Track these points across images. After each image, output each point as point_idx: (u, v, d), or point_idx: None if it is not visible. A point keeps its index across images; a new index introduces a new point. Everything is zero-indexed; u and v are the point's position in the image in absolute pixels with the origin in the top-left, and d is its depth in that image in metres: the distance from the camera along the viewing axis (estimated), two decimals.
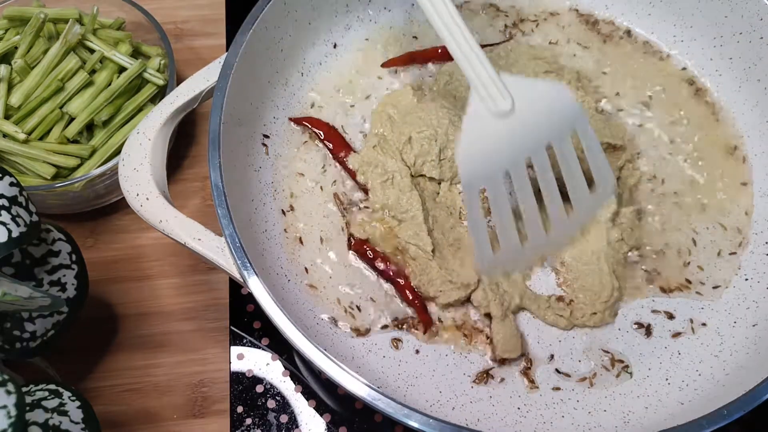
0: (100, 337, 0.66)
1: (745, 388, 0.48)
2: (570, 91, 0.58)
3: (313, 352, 0.48)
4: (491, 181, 0.56)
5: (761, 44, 0.65)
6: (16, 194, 0.50)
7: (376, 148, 0.64)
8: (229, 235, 0.52)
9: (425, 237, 0.59)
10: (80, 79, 0.69)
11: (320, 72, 0.71)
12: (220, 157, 0.56)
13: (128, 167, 0.57)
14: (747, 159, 0.66)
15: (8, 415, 0.41)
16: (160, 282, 0.69)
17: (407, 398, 0.55)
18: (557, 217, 0.59)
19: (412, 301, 0.59)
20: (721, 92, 0.69)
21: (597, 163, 0.58)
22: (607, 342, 0.58)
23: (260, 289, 0.51)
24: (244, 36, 0.61)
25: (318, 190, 0.65)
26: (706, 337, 0.58)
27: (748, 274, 0.61)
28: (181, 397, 0.63)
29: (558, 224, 0.59)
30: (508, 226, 0.58)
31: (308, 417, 0.61)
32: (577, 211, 0.59)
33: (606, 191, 0.60)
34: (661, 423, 0.52)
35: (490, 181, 0.56)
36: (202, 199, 0.74)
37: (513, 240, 0.58)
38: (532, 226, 0.59)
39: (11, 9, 0.72)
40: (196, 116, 0.78)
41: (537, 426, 0.54)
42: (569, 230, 0.60)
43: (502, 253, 0.59)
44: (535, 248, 0.60)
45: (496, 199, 0.57)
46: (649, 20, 0.73)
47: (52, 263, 0.56)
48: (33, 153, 0.66)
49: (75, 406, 0.50)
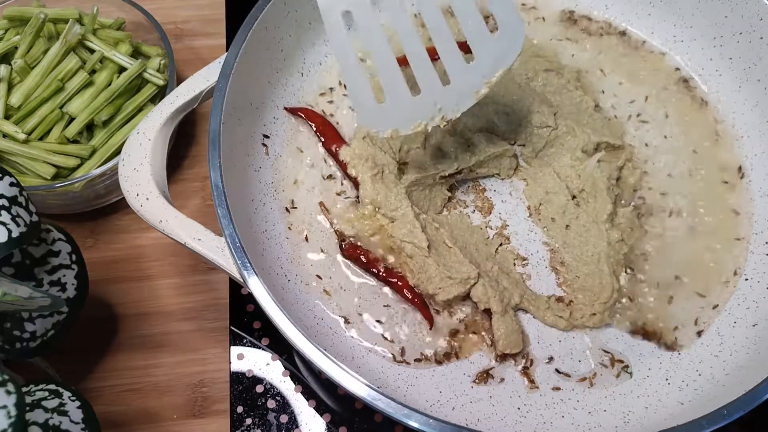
0: (100, 337, 0.66)
1: (745, 388, 0.48)
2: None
3: (313, 352, 0.48)
4: (357, 7, 0.49)
5: (761, 44, 0.65)
6: (16, 194, 0.50)
7: (365, 139, 0.64)
8: (229, 235, 0.52)
9: (419, 234, 0.59)
10: (80, 79, 0.69)
11: (320, 72, 0.71)
12: (220, 157, 0.56)
13: (128, 167, 0.58)
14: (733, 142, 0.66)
15: (8, 415, 0.41)
16: (160, 282, 0.69)
17: (407, 398, 0.55)
18: (454, 65, 0.51)
19: (412, 299, 0.59)
20: (721, 92, 0.69)
21: (497, 1, 0.50)
22: (607, 342, 0.58)
23: (260, 289, 0.51)
24: (244, 36, 0.61)
25: (318, 189, 0.65)
26: (706, 337, 0.58)
27: (748, 274, 0.61)
28: (181, 397, 0.63)
29: (456, 74, 0.51)
30: (388, 67, 0.50)
31: (308, 417, 0.61)
32: (479, 58, 0.52)
33: (511, 34, 0.51)
34: (661, 423, 0.52)
35: (354, 4, 0.49)
36: (202, 199, 0.74)
37: (398, 87, 0.51)
38: (423, 74, 0.51)
39: (11, 9, 0.72)
40: (196, 116, 0.78)
41: (537, 426, 0.54)
42: (472, 81, 0.52)
43: (387, 105, 0.52)
44: (429, 102, 0.52)
45: (367, 30, 0.49)
46: (648, 20, 0.73)
47: (52, 263, 0.56)
48: (33, 153, 0.66)
49: (75, 406, 0.50)
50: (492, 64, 0.52)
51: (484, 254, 0.61)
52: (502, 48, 0.52)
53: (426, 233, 0.59)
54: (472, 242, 0.61)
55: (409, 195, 0.61)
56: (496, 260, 0.61)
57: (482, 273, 0.58)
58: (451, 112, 0.54)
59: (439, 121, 0.54)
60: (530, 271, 0.62)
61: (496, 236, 0.63)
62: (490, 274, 0.59)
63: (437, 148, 0.63)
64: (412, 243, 0.59)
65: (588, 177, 0.62)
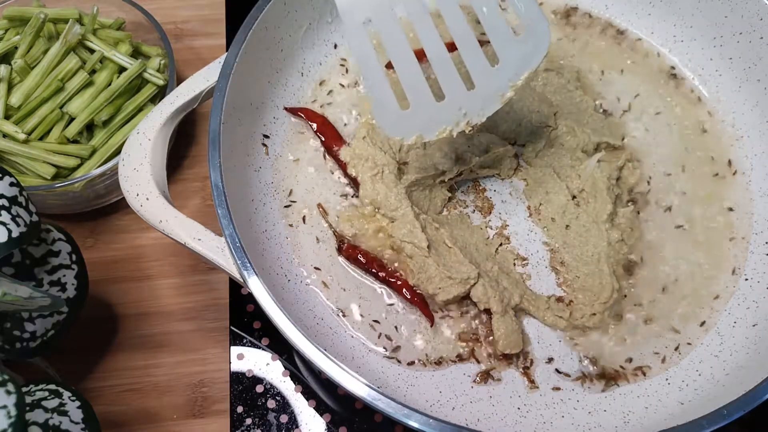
0: (100, 337, 0.66)
1: (745, 388, 0.48)
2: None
3: (313, 352, 0.48)
4: (377, 11, 0.48)
5: (761, 44, 0.65)
6: (16, 194, 0.50)
7: (365, 138, 0.64)
8: (229, 235, 0.52)
9: (419, 234, 0.59)
10: (80, 79, 0.69)
11: (320, 72, 0.71)
12: (220, 157, 0.56)
13: (128, 167, 0.58)
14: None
15: (8, 415, 0.41)
16: (160, 282, 0.69)
17: (407, 398, 0.55)
18: (479, 68, 0.50)
19: (412, 299, 0.59)
20: (721, 92, 0.69)
21: (521, 2, 0.49)
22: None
23: (260, 289, 0.51)
24: (244, 36, 0.61)
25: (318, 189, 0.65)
26: (706, 337, 0.58)
27: (748, 274, 0.61)
28: (181, 397, 0.63)
29: (481, 77, 0.50)
30: (412, 73, 0.50)
31: (308, 417, 0.61)
32: (504, 61, 0.51)
33: (537, 35, 0.50)
34: (661, 423, 0.52)
35: (375, 9, 0.48)
36: (202, 199, 0.74)
37: (423, 93, 0.50)
38: (447, 79, 0.50)
39: (11, 9, 0.72)
40: (196, 116, 0.78)
41: (537, 426, 0.54)
42: (497, 84, 0.51)
43: (412, 110, 0.51)
44: (454, 107, 0.51)
45: (389, 36, 0.49)
46: (648, 20, 0.73)
47: (52, 263, 0.56)
48: (33, 153, 0.66)
49: (75, 406, 0.50)
50: (517, 67, 0.51)
51: (484, 254, 0.61)
52: (528, 49, 0.51)
53: (426, 233, 0.59)
54: (472, 242, 0.61)
55: (409, 195, 0.61)
56: (496, 260, 0.61)
57: (482, 273, 0.58)
58: (477, 116, 0.53)
59: (464, 126, 0.53)
60: (530, 271, 0.62)
61: (496, 236, 0.63)
62: (490, 274, 0.59)
63: (437, 149, 0.63)
64: (412, 243, 0.59)
65: (588, 177, 0.62)
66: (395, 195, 0.61)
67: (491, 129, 0.65)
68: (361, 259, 0.60)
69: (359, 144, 0.64)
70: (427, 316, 0.58)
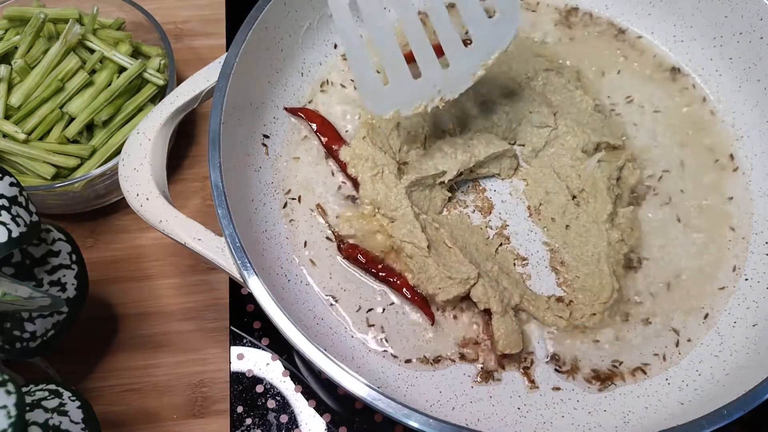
0: (100, 337, 0.66)
1: (745, 388, 0.48)
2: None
3: (313, 352, 0.48)
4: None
5: (761, 44, 0.65)
6: (16, 194, 0.50)
7: (365, 139, 0.64)
8: (229, 235, 0.52)
9: (419, 234, 0.59)
10: (80, 79, 0.69)
11: (320, 72, 0.71)
12: (220, 157, 0.56)
13: (128, 167, 0.58)
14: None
15: (8, 415, 0.41)
16: (160, 282, 0.69)
17: (407, 398, 0.55)
18: (454, 51, 0.54)
19: (412, 298, 0.59)
20: (721, 92, 0.69)
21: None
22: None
23: (260, 289, 0.51)
24: (244, 36, 0.61)
25: (318, 190, 0.65)
26: (706, 337, 0.58)
27: (748, 274, 0.61)
28: (181, 397, 0.63)
29: (455, 58, 0.54)
30: (391, 52, 0.53)
31: (308, 417, 0.61)
32: (477, 42, 0.55)
33: (507, 16, 0.54)
34: (661, 423, 0.52)
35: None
36: (202, 199, 0.74)
37: (401, 70, 0.54)
38: (424, 58, 0.54)
39: (11, 9, 0.72)
40: (196, 116, 0.78)
41: (537, 426, 0.54)
42: (469, 64, 0.56)
43: (391, 87, 0.55)
44: (429, 84, 0.55)
45: (372, 18, 0.52)
46: (649, 20, 0.73)
47: (52, 263, 0.56)
48: (33, 153, 0.66)
49: (75, 406, 0.50)
50: (489, 48, 0.55)
51: (484, 254, 0.61)
52: (499, 31, 0.55)
53: (426, 233, 0.59)
54: (472, 242, 0.61)
55: (409, 195, 0.61)
56: (496, 260, 0.61)
57: (482, 273, 0.58)
58: (450, 93, 0.57)
59: (438, 102, 0.57)
60: (530, 271, 0.62)
61: (496, 236, 0.63)
62: (490, 274, 0.59)
63: (437, 149, 0.63)
64: (412, 243, 0.59)
65: (588, 177, 0.62)
66: (395, 195, 0.61)
67: (491, 129, 0.65)
68: (361, 259, 0.60)
69: (359, 144, 0.64)
70: (427, 315, 0.58)
